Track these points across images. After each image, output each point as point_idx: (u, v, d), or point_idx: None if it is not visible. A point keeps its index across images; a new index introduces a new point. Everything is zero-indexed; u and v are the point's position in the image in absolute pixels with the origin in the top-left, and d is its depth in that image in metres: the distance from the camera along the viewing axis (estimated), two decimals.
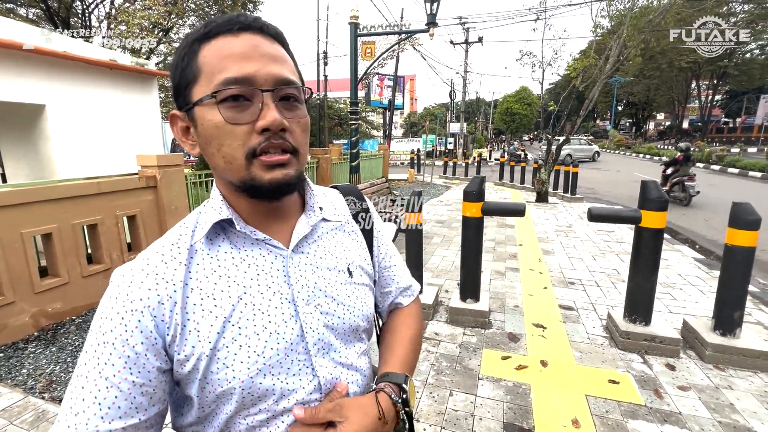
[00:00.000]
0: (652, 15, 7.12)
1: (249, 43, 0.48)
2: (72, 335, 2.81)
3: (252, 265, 0.53)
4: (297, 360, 0.53)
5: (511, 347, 2.54)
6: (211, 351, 0.48)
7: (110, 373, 0.45)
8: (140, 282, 0.49)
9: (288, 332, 0.52)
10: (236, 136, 0.47)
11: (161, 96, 13.90)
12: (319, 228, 0.61)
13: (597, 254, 4.57)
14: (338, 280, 0.59)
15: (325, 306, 0.56)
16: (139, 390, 0.47)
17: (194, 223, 0.55)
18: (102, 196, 3.21)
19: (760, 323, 2.84)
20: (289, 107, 0.50)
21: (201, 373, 0.49)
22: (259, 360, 0.50)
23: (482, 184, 2.83)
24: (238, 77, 0.47)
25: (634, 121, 44.00)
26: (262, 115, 0.47)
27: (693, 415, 1.89)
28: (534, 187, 8.71)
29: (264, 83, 0.48)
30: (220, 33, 0.48)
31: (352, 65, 6.49)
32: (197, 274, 0.51)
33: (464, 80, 22.58)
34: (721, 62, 26.48)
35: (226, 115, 0.47)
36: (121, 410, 0.46)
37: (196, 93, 0.49)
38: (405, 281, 0.76)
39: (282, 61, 0.50)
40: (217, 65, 0.47)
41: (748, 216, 2.22)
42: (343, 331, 0.58)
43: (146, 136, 5.84)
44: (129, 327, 0.46)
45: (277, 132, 0.48)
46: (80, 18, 12.97)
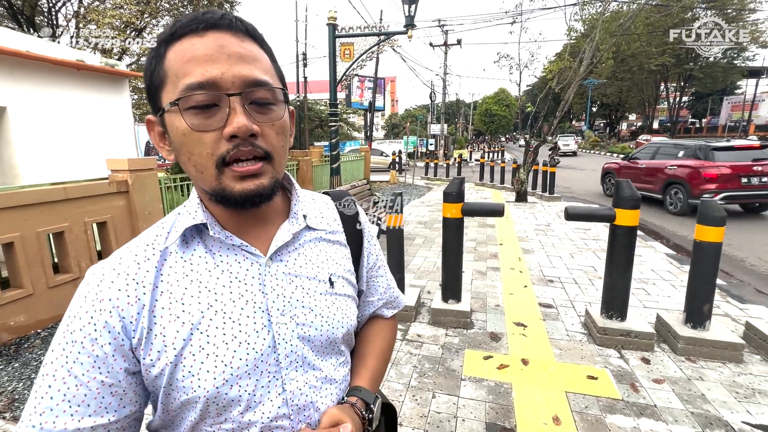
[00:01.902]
0: (623, 19, 7.38)
1: (214, 43, 0.45)
2: (37, 350, 2.66)
3: (225, 272, 0.51)
4: (267, 372, 0.51)
5: (492, 347, 2.56)
6: (176, 358, 0.47)
7: (79, 372, 0.44)
8: (110, 282, 0.48)
9: (259, 342, 0.50)
10: (204, 144, 0.45)
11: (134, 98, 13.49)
12: (302, 236, 0.58)
13: (575, 252, 4.67)
14: (318, 290, 0.57)
15: (301, 317, 0.54)
16: (108, 390, 0.45)
17: (171, 224, 0.53)
18: (69, 202, 3.06)
19: (728, 315, 2.96)
20: (262, 110, 0.48)
21: (166, 380, 0.47)
22: (226, 370, 0.48)
23: (462, 185, 2.84)
24: (202, 81, 0.44)
25: (608, 122, 45.48)
26: (229, 121, 0.45)
27: (667, 407, 1.94)
28: (513, 187, 8.86)
29: (231, 86, 0.45)
30: (185, 34, 0.45)
31: (331, 67, 6.44)
32: (168, 278, 0.49)
33: (444, 82, 22.82)
34: (687, 65, 27.73)
35: (191, 122, 0.45)
36: (90, 408, 0.44)
37: (164, 98, 0.47)
38: (392, 293, 0.74)
39: (251, 60, 0.47)
40: (180, 69, 0.45)
41: (714, 213, 2.31)
42: (320, 343, 0.56)
43: (118, 139, 5.64)
44: (98, 326, 0.45)
45: (247, 138, 0.46)
46: (46, 17, 12.45)
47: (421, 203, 8.60)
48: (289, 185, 0.62)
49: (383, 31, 6.43)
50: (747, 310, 3.03)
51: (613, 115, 43.52)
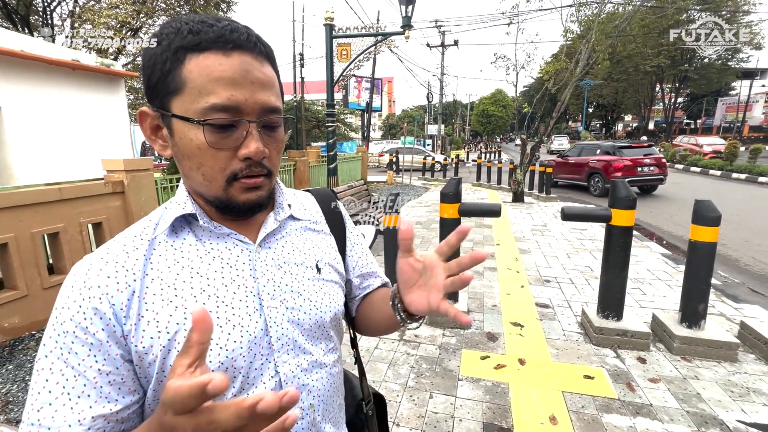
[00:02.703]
0: (618, 21, 7.43)
1: (240, 67, 0.47)
2: (31, 351, 2.64)
3: (217, 258, 0.53)
4: (260, 354, 0.52)
5: (489, 347, 2.57)
6: (169, 342, 0.47)
7: (74, 362, 0.44)
8: (98, 270, 0.48)
9: (252, 326, 0.52)
10: (218, 160, 0.48)
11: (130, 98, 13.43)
12: (287, 225, 0.62)
13: (571, 252, 4.69)
14: (305, 276, 0.59)
15: (290, 301, 0.56)
16: (106, 379, 0.45)
17: (158, 217, 0.54)
18: (64, 203, 3.04)
19: (723, 314, 2.98)
20: (270, 133, 0.51)
21: (158, 366, 0.47)
22: (221, 353, 0.49)
23: (459, 186, 2.85)
24: (227, 105, 0.46)
25: (604, 123, 45.73)
26: (246, 144, 0.48)
27: (663, 406, 1.95)
28: (510, 188, 8.89)
29: (251, 113, 0.48)
30: (210, 48, 0.46)
31: (328, 67, 6.44)
32: (158, 265, 0.50)
33: (441, 83, 22.86)
34: (682, 66, 27.93)
35: (210, 139, 0.47)
36: (90, 399, 0.44)
37: (177, 105, 0.47)
38: (384, 278, 0.78)
39: (270, 86, 0.50)
40: (205, 86, 0.46)
41: (709, 213, 2.33)
42: (309, 326, 0.58)
43: (114, 139, 5.60)
44: (87, 314, 0.45)
45: (259, 160, 0.50)
46: (41, 16, 12.37)
47: (419, 203, 8.61)
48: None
49: (380, 32, 6.44)
50: (742, 310, 3.05)
51: (609, 115, 43.77)
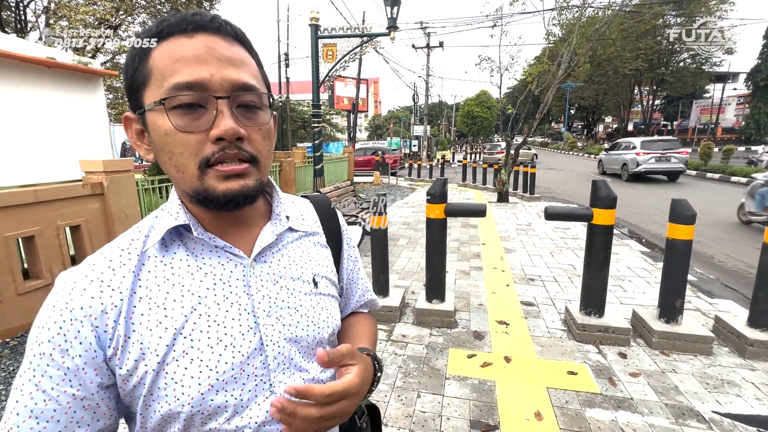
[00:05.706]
0: (599, 25, 7.62)
1: (203, 44, 0.45)
2: (5, 360, 2.55)
3: (209, 274, 0.50)
4: (253, 375, 0.50)
5: (476, 345, 2.60)
6: (158, 365, 0.45)
7: (48, 386, 0.43)
8: (82, 289, 0.45)
9: (245, 345, 0.49)
10: (188, 145, 0.45)
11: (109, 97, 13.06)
12: (284, 237, 0.59)
13: (555, 251, 4.78)
14: (302, 291, 0.56)
15: (287, 318, 0.53)
16: (80, 404, 0.44)
17: (148, 228, 0.51)
18: (40, 206, 2.94)
19: (699, 309, 3.09)
20: (248, 114, 0.47)
21: (146, 389, 0.45)
22: (212, 375, 0.47)
23: (445, 186, 2.87)
24: (190, 82, 0.43)
25: (585, 124, 46.75)
26: (216, 123, 0.44)
27: (643, 399, 2.01)
28: (495, 188, 9.00)
29: (219, 89, 0.45)
30: (173, 33, 0.45)
31: (314, 67, 6.41)
32: (147, 282, 0.47)
33: (426, 84, 22.99)
34: (659, 70, 28.80)
35: (176, 122, 0.44)
36: (60, 424, 0.43)
37: (147, 97, 0.46)
38: (369, 296, 0.76)
39: (240, 64, 0.47)
40: (167, 68, 0.44)
41: (685, 211, 2.41)
42: (307, 344, 0.55)
43: (93, 139, 5.44)
44: (68, 337, 0.43)
45: (233, 141, 0.45)
46: (13, 12, 11.93)
47: (405, 204, 8.64)
48: (270, 188, 0.62)
49: (366, 33, 6.44)
50: (716, 305, 3.17)
51: (590, 117, 44.77)
